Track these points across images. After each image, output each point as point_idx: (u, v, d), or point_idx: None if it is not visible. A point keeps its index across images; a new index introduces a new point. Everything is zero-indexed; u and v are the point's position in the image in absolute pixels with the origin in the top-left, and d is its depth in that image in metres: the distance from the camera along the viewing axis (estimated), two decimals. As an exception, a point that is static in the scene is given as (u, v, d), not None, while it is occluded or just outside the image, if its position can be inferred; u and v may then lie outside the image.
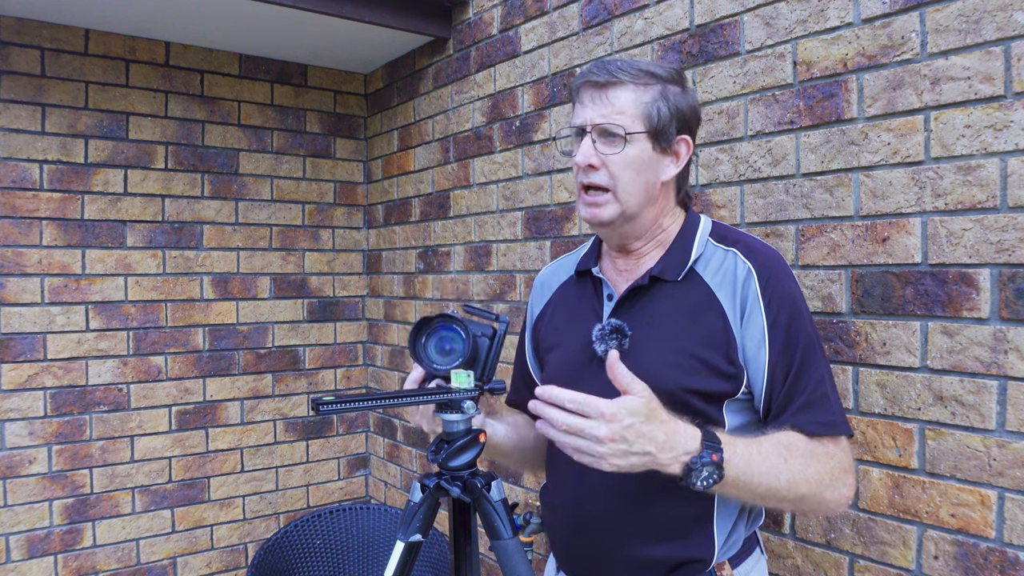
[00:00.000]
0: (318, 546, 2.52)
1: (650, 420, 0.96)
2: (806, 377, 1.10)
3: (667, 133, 1.15)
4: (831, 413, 1.10)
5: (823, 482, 1.06)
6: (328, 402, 0.98)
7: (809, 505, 1.07)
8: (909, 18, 1.33)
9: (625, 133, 1.12)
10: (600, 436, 0.94)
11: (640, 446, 0.95)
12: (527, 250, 2.30)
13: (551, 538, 1.32)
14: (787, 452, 1.05)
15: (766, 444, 1.05)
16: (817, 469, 1.06)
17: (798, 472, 1.04)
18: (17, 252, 2.48)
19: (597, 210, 1.15)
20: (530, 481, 2.30)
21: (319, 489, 3.13)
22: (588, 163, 1.13)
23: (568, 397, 0.96)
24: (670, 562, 1.14)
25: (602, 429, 0.94)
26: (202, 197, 2.83)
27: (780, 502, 1.06)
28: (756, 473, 1.01)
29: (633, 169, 1.13)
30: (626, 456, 0.95)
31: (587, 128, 1.14)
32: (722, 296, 1.13)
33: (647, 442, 0.95)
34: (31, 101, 2.49)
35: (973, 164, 1.25)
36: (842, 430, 1.11)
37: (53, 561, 2.53)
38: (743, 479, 1.00)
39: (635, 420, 0.95)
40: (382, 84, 3.10)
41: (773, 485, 1.02)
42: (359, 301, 3.24)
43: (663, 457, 0.96)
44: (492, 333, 1.17)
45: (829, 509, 1.09)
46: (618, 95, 1.13)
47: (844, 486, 1.08)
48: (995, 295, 1.23)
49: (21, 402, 2.49)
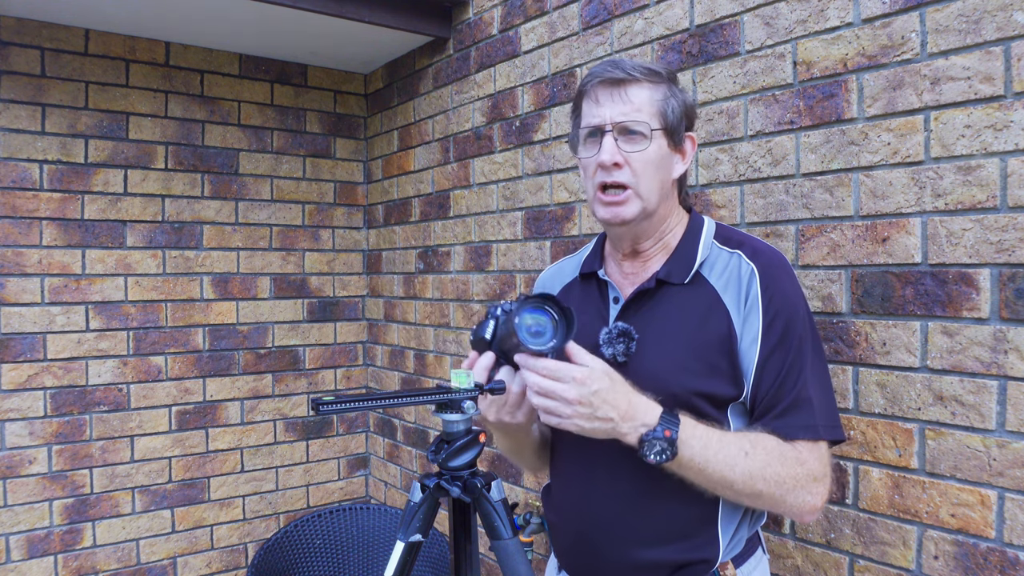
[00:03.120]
0: (318, 546, 2.52)
1: (615, 389, 1.02)
2: (792, 380, 1.09)
3: (679, 130, 1.17)
4: (812, 417, 1.09)
5: (784, 485, 1.06)
6: (328, 402, 0.97)
7: (767, 504, 1.09)
8: (909, 18, 1.33)
9: (651, 129, 1.12)
10: (569, 398, 1.01)
11: (604, 411, 1.01)
12: (527, 250, 2.30)
13: (553, 539, 1.31)
14: (751, 447, 1.06)
15: (730, 436, 1.08)
16: (779, 471, 1.06)
17: (756, 469, 1.05)
18: (17, 252, 2.48)
19: (619, 208, 1.14)
20: (530, 481, 2.30)
21: (319, 489, 3.13)
22: (614, 161, 1.12)
23: (542, 365, 1.03)
24: (675, 564, 1.14)
25: (571, 392, 1.01)
26: (202, 197, 2.83)
27: (737, 495, 1.07)
28: (711, 459, 1.04)
29: (654, 167, 1.14)
30: (591, 420, 1.02)
31: (606, 127, 1.13)
32: (727, 299, 1.13)
33: (610, 408, 1.01)
34: (31, 101, 2.49)
35: (973, 164, 1.25)
36: (822, 435, 1.09)
37: (53, 561, 2.53)
38: (697, 462, 1.04)
39: (602, 386, 1.01)
40: (382, 84, 3.10)
41: (727, 476, 1.05)
42: (359, 301, 3.24)
43: (623, 426, 1.02)
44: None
45: (791, 513, 1.10)
46: (636, 92, 1.13)
47: (809, 494, 1.08)
48: (995, 295, 1.23)
49: (21, 402, 2.49)
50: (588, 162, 1.16)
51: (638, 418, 1.03)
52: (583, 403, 1.01)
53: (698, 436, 1.04)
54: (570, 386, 1.01)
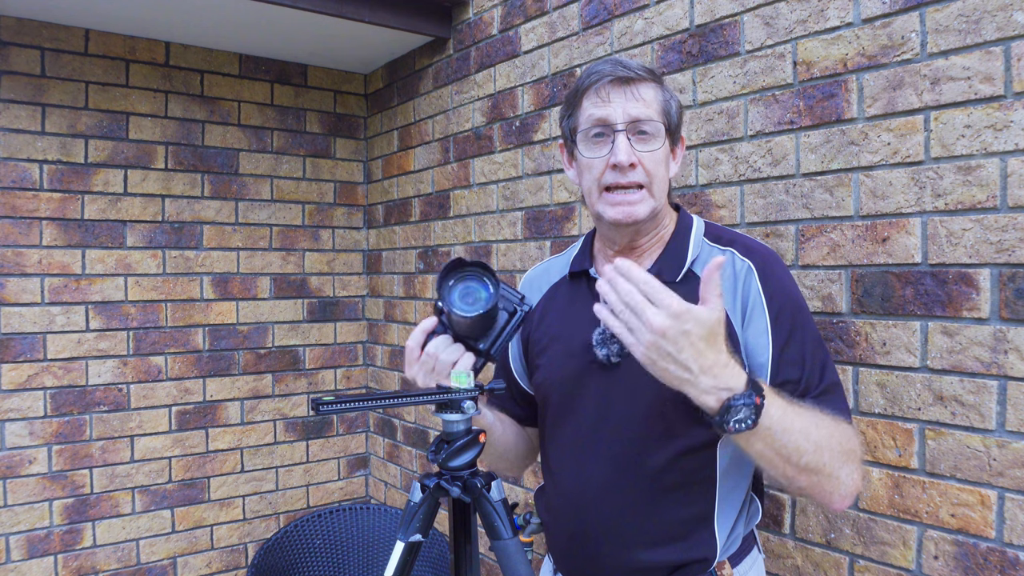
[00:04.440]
0: (318, 546, 2.52)
1: (709, 340, 0.91)
2: (819, 367, 1.10)
3: (678, 129, 1.18)
4: (844, 402, 1.11)
5: (844, 455, 1.02)
6: (328, 402, 0.97)
7: (821, 478, 1.01)
8: (909, 18, 1.33)
9: (664, 129, 1.13)
10: (655, 325, 0.89)
11: (685, 357, 0.90)
12: (527, 250, 2.30)
13: (548, 540, 1.31)
14: (817, 419, 1.03)
15: (802, 406, 1.02)
16: (841, 441, 1.03)
17: (824, 438, 1.00)
18: (17, 252, 2.48)
19: (633, 208, 1.12)
20: (530, 481, 2.30)
21: (319, 489, 3.13)
22: (631, 161, 1.10)
23: (644, 278, 0.91)
24: (672, 564, 1.14)
25: (660, 319, 0.89)
26: (202, 197, 2.83)
27: (798, 469, 1.00)
28: (789, 428, 0.97)
29: (663, 166, 1.14)
30: (665, 359, 0.91)
31: (618, 126, 1.11)
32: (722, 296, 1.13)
33: (694, 358, 0.90)
34: (31, 101, 2.49)
35: (973, 164, 1.25)
36: (851, 420, 1.11)
37: (53, 561, 2.53)
38: (776, 430, 0.96)
39: (697, 330, 0.90)
40: (382, 84, 3.10)
41: (801, 445, 0.98)
42: (359, 301, 3.24)
43: (703, 381, 0.91)
44: (513, 311, 1.15)
45: (836, 492, 1.03)
46: (644, 91, 1.13)
47: (856, 471, 1.05)
48: (995, 295, 1.23)
49: (21, 402, 2.49)
50: (596, 162, 1.13)
51: (722, 379, 0.92)
52: (667, 337, 0.89)
53: (777, 405, 0.97)
54: (661, 313, 0.89)
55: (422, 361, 1.12)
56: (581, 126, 1.16)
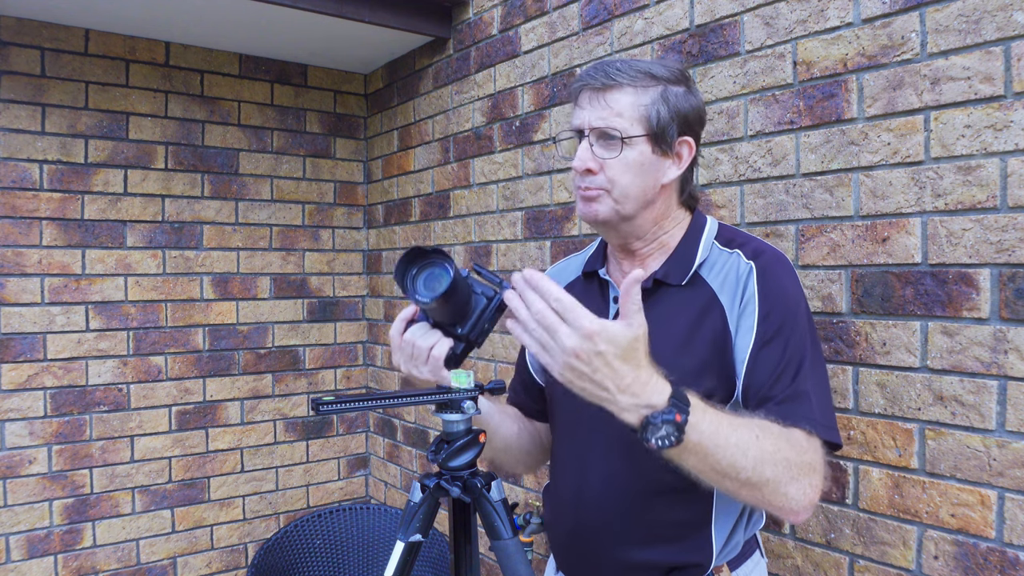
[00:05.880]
0: (318, 546, 2.52)
1: (626, 358, 0.89)
2: (790, 374, 1.06)
3: (667, 135, 1.13)
4: (811, 411, 1.05)
5: (791, 470, 0.98)
6: (328, 402, 0.97)
7: (766, 493, 0.98)
8: (909, 18, 1.33)
9: (623, 137, 1.11)
10: (567, 347, 0.88)
11: (600, 377, 0.89)
12: (527, 250, 2.30)
13: (551, 538, 1.32)
14: (760, 431, 0.98)
15: (741, 419, 0.99)
16: (788, 455, 0.98)
17: (768, 452, 0.96)
18: (17, 252, 2.48)
19: (592, 207, 1.15)
20: (530, 481, 2.30)
21: (319, 489, 3.13)
22: (586, 167, 1.13)
23: (556, 295, 0.89)
24: (667, 565, 1.14)
25: (572, 340, 0.88)
26: (202, 197, 2.83)
27: (739, 484, 0.97)
28: (723, 444, 0.93)
29: (632, 172, 1.12)
30: (582, 379, 0.90)
31: (585, 131, 1.14)
32: (724, 298, 1.13)
33: (610, 377, 0.89)
34: (31, 101, 2.49)
35: (973, 164, 1.25)
36: (819, 432, 1.04)
37: (53, 561, 2.53)
38: (708, 446, 0.92)
39: (610, 349, 0.88)
40: (382, 84, 3.10)
41: (738, 462, 0.94)
42: (359, 301, 3.24)
43: (621, 400, 0.90)
44: (492, 295, 1.15)
45: (786, 506, 0.99)
46: (616, 98, 1.12)
47: (809, 486, 1.00)
48: (995, 295, 1.23)
49: (21, 402, 2.49)
50: (574, 164, 1.17)
51: (642, 397, 0.90)
52: (580, 358, 0.88)
53: (708, 419, 0.93)
54: (574, 334, 0.88)
55: (401, 348, 1.17)
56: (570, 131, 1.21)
